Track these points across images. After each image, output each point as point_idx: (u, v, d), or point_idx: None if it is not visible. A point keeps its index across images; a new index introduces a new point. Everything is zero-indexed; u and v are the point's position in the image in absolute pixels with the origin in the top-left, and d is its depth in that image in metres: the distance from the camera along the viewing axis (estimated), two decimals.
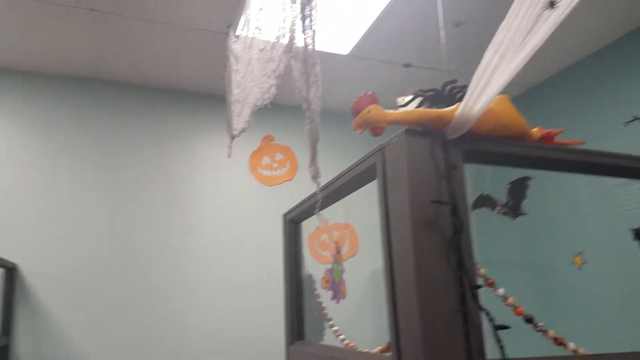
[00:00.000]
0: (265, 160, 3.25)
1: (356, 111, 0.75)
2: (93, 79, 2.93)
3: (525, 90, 3.11)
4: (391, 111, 0.75)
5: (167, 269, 2.77)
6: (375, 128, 0.75)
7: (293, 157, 3.33)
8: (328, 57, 2.82)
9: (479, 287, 0.63)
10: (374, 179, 0.84)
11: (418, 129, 0.75)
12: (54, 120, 2.78)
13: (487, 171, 0.79)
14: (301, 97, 1.13)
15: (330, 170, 1.07)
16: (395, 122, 0.74)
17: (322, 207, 1.16)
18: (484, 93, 0.70)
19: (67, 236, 2.62)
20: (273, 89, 1.54)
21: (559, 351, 0.73)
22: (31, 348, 2.44)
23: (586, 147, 0.83)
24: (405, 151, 0.73)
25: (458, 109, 0.72)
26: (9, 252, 2.44)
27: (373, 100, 0.74)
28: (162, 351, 2.64)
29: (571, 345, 0.72)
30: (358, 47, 2.74)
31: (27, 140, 2.70)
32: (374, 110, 0.73)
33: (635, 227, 0.84)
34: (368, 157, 0.87)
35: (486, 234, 3.21)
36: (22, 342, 2.43)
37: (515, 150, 0.76)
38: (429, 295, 0.64)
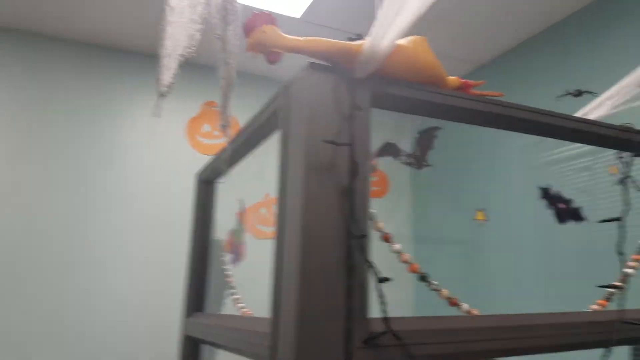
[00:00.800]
0: (206, 127, 3.13)
1: (248, 30, 0.69)
2: (14, 30, 2.71)
3: (473, 69, 3.15)
4: (293, 37, 0.69)
5: (82, 248, 2.63)
6: (271, 54, 0.69)
7: (237, 126, 3.24)
8: (279, 19, 2.74)
9: (364, 236, 0.59)
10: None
11: (324, 64, 0.70)
12: None
13: (407, 120, 0.75)
14: (216, 36, 1.07)
15: None
16: (295, 50, 0.69)
17: (233, 162, 1.10)
18: (394, 23, 0.65)
19: None
20: (198, 35, 1.46)
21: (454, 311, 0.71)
22: None
23: None
24: (307, 87, 0.68)
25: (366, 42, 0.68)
26: None
27: (270, 20, 0.68)
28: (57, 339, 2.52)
29: (465, 306, 0.70)
30: (310, 11, 2.68)
31: None
32: (269, 32, 0.67)
33: (543, 186, 0.83)
34: (273, 100, 0.82)
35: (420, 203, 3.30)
36: None
37: (428, 96, 0.72)
38: (313, 245, 0.60)
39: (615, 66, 2.15)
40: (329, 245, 0.60)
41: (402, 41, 0.74)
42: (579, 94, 1.24)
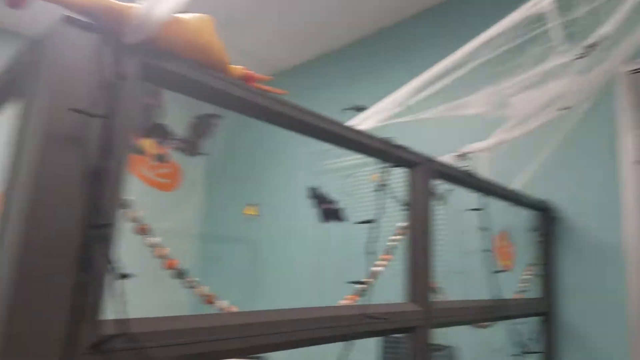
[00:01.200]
0: None
1: None
2: None
3: (273, 72, 3.27)
4: None
5: None
6: None
7: None
8: None
9: (107, 225, 0.51)
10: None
11: (85, 21, 0.59)
12: None
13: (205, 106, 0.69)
14: None
15: None
16: None
17: None
18: None
19: None
20: None
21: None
22: None
23: None
24: (60, 44, 0.57)
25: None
26: None
27: None
28: None
29: (222, 304, 0.69)
30: None
31: None
32: None
33: (311, 186, 0.88)
34: (17, 58, 0.67)
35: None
36: None
37: (205, 79, 0.68)
38: (37, 233, 0.49)
39: (392, 88, 2.48)
40: (60, 234, 0.50)
41: (186, 16, 0.69)
42: (359, 109, 1.37)
